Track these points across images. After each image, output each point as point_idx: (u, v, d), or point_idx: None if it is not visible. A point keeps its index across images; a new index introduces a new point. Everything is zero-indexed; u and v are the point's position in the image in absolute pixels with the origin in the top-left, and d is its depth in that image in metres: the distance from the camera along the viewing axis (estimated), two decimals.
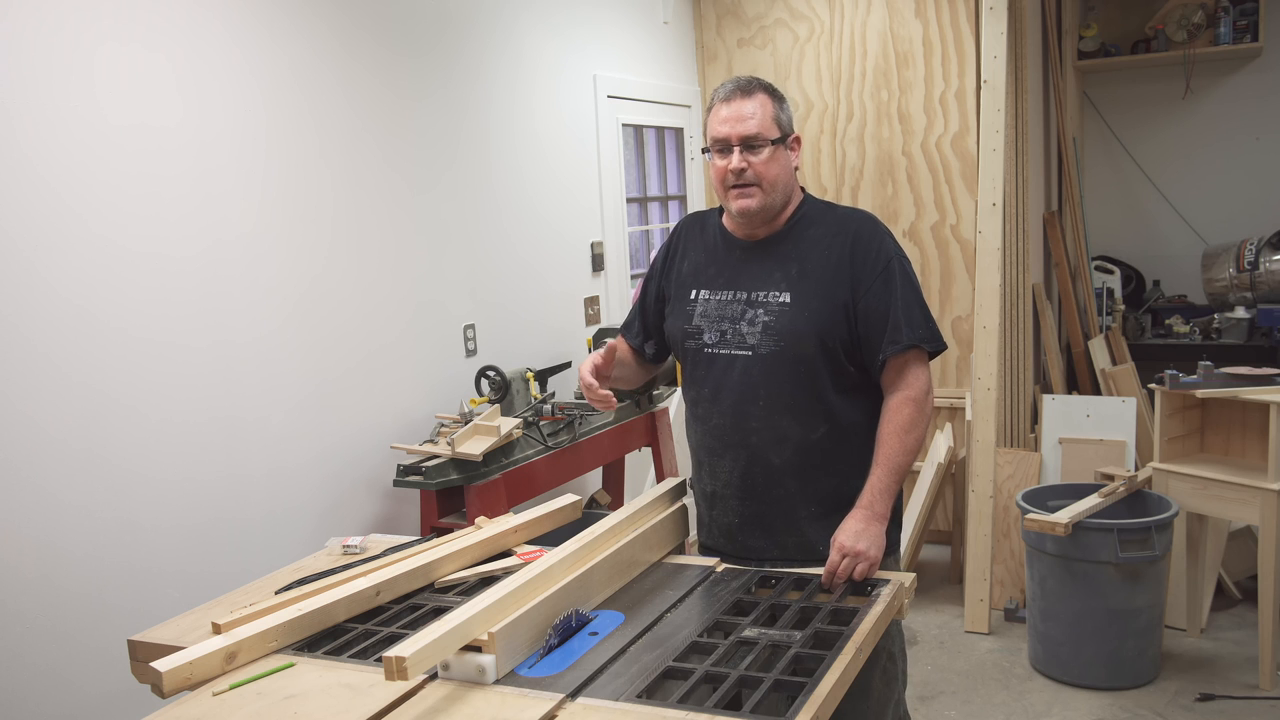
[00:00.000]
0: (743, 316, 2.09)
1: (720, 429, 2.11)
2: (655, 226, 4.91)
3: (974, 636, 3.93)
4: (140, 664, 1.79)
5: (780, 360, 2.05)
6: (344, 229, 3.02)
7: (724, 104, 2.06)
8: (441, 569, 2.01)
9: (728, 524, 2.15)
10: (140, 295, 2.46)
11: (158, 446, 2.50)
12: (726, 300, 2.12)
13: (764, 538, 2.12)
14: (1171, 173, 6.11)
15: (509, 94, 3.71)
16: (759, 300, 2.08)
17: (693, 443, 2.22)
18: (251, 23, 2.73)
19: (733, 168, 2.03)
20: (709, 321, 2.12)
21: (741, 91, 2.06)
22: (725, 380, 2.09)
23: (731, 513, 2.14)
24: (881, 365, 2.05)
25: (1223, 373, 3.57)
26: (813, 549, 2.06)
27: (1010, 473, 4.18)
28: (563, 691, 1.52)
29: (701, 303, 2.15)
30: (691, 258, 2.22)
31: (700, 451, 2.19)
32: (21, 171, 2.21)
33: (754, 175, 2.04)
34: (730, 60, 4.99)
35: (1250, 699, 3.36)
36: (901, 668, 2.17)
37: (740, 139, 2.03)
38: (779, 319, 2.05)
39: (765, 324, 2.06)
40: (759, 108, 2.04)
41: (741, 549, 2.14)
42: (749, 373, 2.07)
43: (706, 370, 2.13)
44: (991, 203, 4.09)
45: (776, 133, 2.06)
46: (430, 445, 3.06)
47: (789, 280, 2.07)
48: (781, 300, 2.06)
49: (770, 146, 2.04)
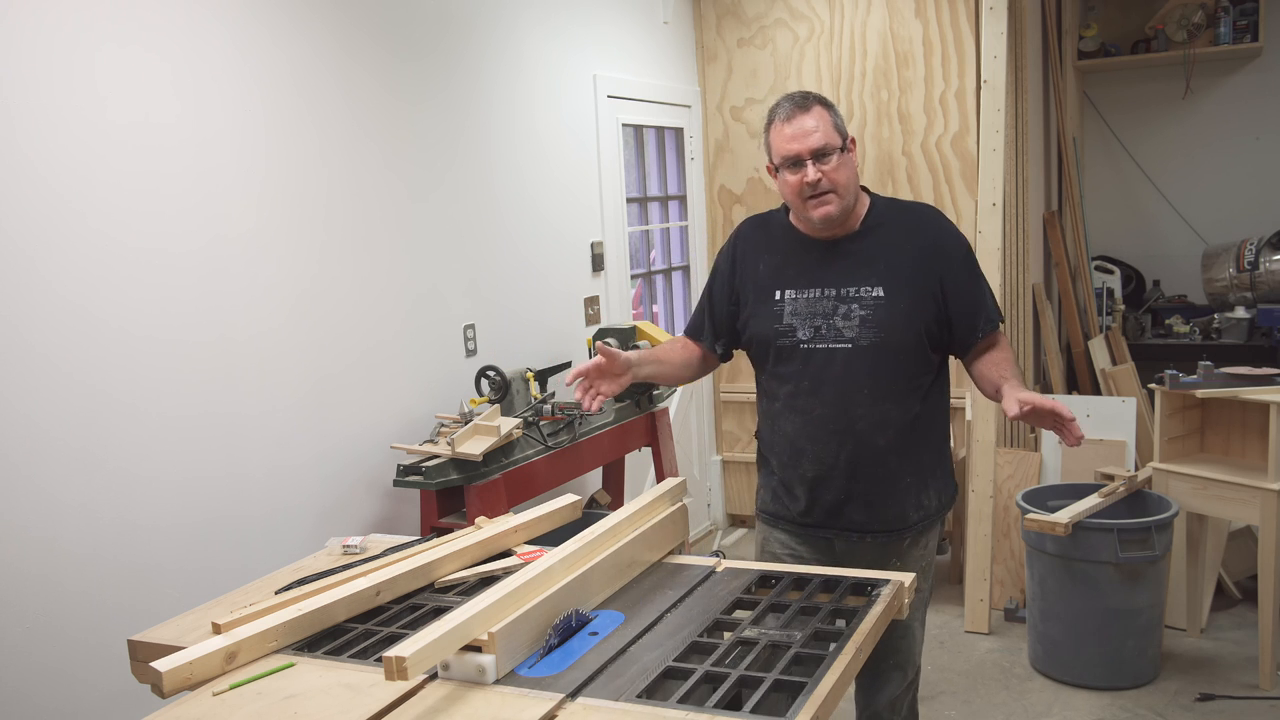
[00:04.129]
0: (835, 312, 2.23)
1: (824, 418, 2.25)
2: (655, 226, 4.91)
3: (974, 636, 3.93)
4: (140, 664, 1.79)
5: (881, 351, 2.21)
6: (343, 227, 3.02)
7: (786, 123, 2.19)
8: (441, 569, 2.01)
9: (833, 501, 2.30)
10: (139, 293, 2.45)
11: (157, 445, 2.50)
12: (815, 298, 2.26)
13: (866, 512, 2.28)
14: (1171, 173, 6.11)
15: (509, 94, 3.71)
16: (851, 296, 2.23)
17: (787, 432, 2.32)
18: (251, 22, 2.73)
19: (809, 180, 2.16)
20: (800, 319, 2.26)
21: (800, 108, 2.19)
22: (825, 373, 2.24)
23: (839, 491, 2.29)
24: (976, 343, 2.27)
25: (1223, 373, 3.57)
26: (906, 517, 2.29)
27: (1010, 473, 4.18)
28: (563, 691, 1.52)
29: (789, 301, 2.28)
30: (767, 260, 2.34)
31: (801, 440, 2.30)
32: (21, 169, 2.21)
33: (829, 183, 2.17)
34: (730, 60, 4.99)
35: (1250, 699, 3.36)
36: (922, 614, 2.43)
37: (811, 152, 2.16)
38: (875, 312, 2.21)
39: (862, 318, 2.21)
40: (819, 120, 2.17)
41: (845, 523, 2.31)
42: (850, 365, 2.22)
43: (804, 365, 2.26)
44: (991, 203, 4.09)
45: (839, 140, 2.19)
46: (430, 445, 3.06)
47: (878, 274, 2.22)
48: (875, 294, 2.22)
49: (838, 154, 2.18)
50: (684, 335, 2.52)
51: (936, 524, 2.39)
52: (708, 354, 2.47)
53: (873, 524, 2.29)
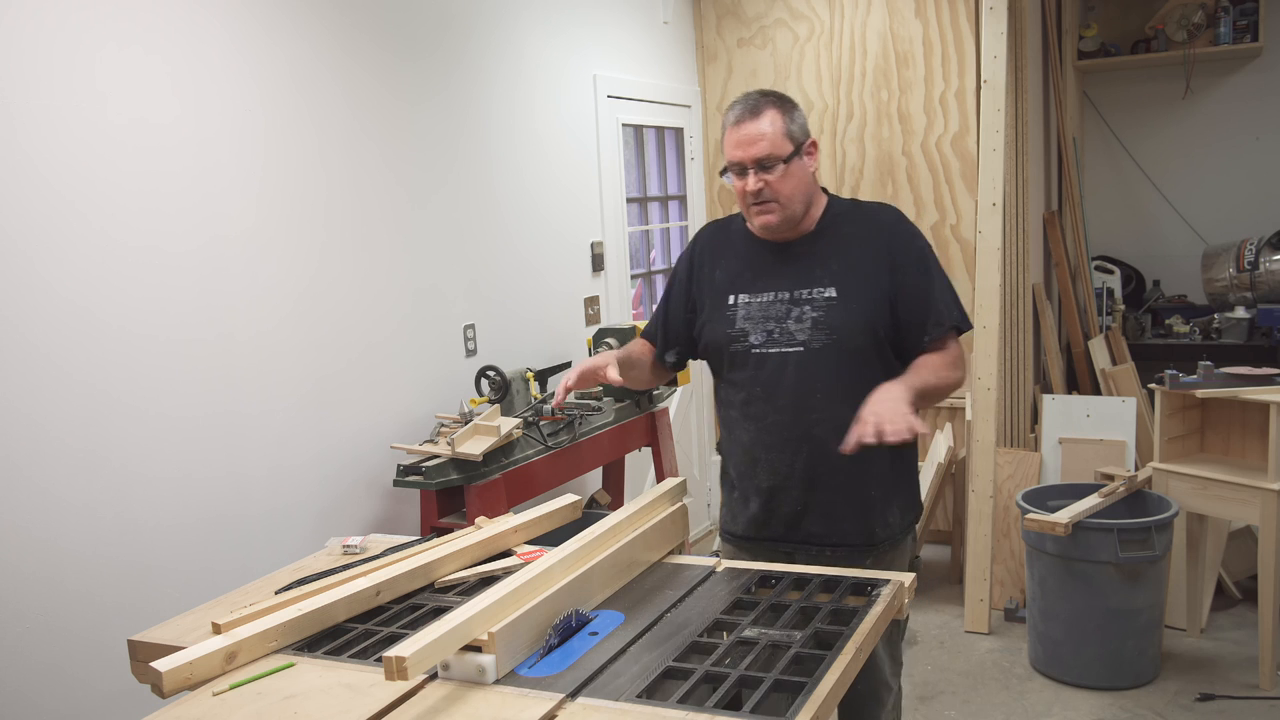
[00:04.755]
0: (788, 315, 2.16)
1: (778, 425, 2.17)
2: (655, 226, 4.91)
3: (974, 636, 3.93)
4: (140, 664, 1.78)
5: (834, 353, 2.13)
6: (343, 227, 3.02)
7: (734, 129, 2.13)
8: (441, 569, 2.01)
9: (790, 513, 2.21)
10: (139, 293, 2.46)
11: (157, 445, 2.50)
12: (768, 302, 2.19)
13: (824, 524, 2.19)
14: (1171, 173, 6.11)
15: (509, 94, 3.71)
16: (804, 298, 2.16)
17: (743, 441, 2.25)
18: (250, 22, 2.73)
19: (750, 189, 2.11)
20: (753, 323, 2.19)
21: (750, 113, 2.11)
22: (779, 378, 2.16)
23: (795, 502, 2.20)
24: (925, 347, 2.16)
25: (1223, 373, 3.57)
26: (868, 532, 2.18)
27: (1010, 473, 4.18)
28: (563, 691, 1.52)
29: (743, 306, 2.21)
30: (723, 265, 2.28)
31: (756, 449, 2.22)
32: (21, 169, 2.21)
33: (770, 194, 2.11)
34: (730, 60, 4.99)
35: (1250, 699, 3.36)
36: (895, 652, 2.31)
37: (754, 161, 2.10)
38: (828, 313, 2.13)
39: (814, 319, 2.14)
40: (769, 126, 2.10)
41: (803, 535, 2.21)
42: (804, 368, 2.14)
43: (757, 370, 2.19)
44: (991, 203, 4.09)
45: (789, 147, 2.11)
46: (430, 445, 3.06)
47: (831, 275, 2.15)
48: (828, 295, 2.14)
49: (783, 165, 2.10)
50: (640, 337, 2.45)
51: (903, 542, 2.27)
52: (656, 361, 2.39)
53: (832, 537, 2.20)
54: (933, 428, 4.74)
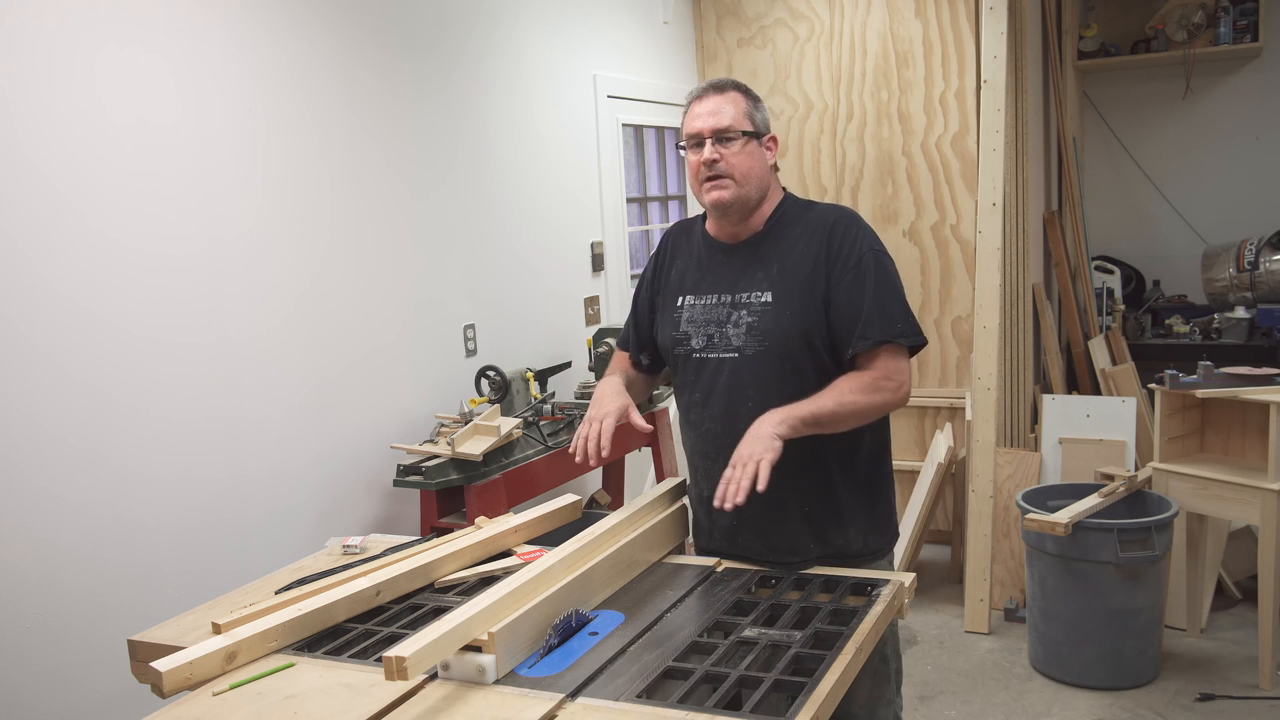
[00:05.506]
0: (728, 319, 2.08)
1: (713, 433, 2.10)
2: (655, 226, 4.91)
3: (974, 636, 3.93)
4: (140, 664, 1.79)
5: (766, 360, 2.03)
6: (344, 228, 3.02)
7: (698, 101, 2.09)
8: (441, 569, 2.01)
9: (727, 526, 2.12)
10: (140, 294, 2.46)
11: (158, 446, 2.50)
12: (712, 304, 2.11)
13: (759, 540, 2.09)
14: (1171, 173, 6.11)
15: (509, 94, 3.71)
16: (742, 302, 2.08)
17: (687, 448, 2.21)
18: (251, 22, 2.73)
19: (705, 159, 2.04)
20: (696, 326, 2.12)
21: (715, 89, 2.09)
22: (715, 384, 2.09)
23: (730, 515, 2.03)
24: (851, 361, 2.02)
25: (1223, 373, 3.57)
26: (804, 549, 2.07)
27: (1010, 473, 4.18)
28: (563, 691, 1.52)
29: (688, 308, 2.14)
30: (679, 265, 2.22)
31: (695, 457, 2.18)
32: (21, 169, 2.21)
33: (726, 167, 2.04)
34: (730, 60, 4.99)
35: (1250, 699, 3.36)
36: (895, 667, 2.17)
37: (713, 131, 2.04)
38: (762, 319, 2.04)
39: (749, 325, 2.05)
40: (731, 104, 2.06)
41: (742, 550, 2.12)
42: (737, 374, 2.06)
43: (696, 375, 2.12)
44: (991, 203, 4.09)
45: (749, 126, 2.07)
46: (430, 445, 3.06)
47: (770, 279, 2.06)
48: (764, 300, 2.05)
49: (743, 139, 2.05)
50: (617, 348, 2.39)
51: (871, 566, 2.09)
52: (635, 365, 2.34)
53: (768, 555, 2.07)
54: (933, 428, 4.74)
